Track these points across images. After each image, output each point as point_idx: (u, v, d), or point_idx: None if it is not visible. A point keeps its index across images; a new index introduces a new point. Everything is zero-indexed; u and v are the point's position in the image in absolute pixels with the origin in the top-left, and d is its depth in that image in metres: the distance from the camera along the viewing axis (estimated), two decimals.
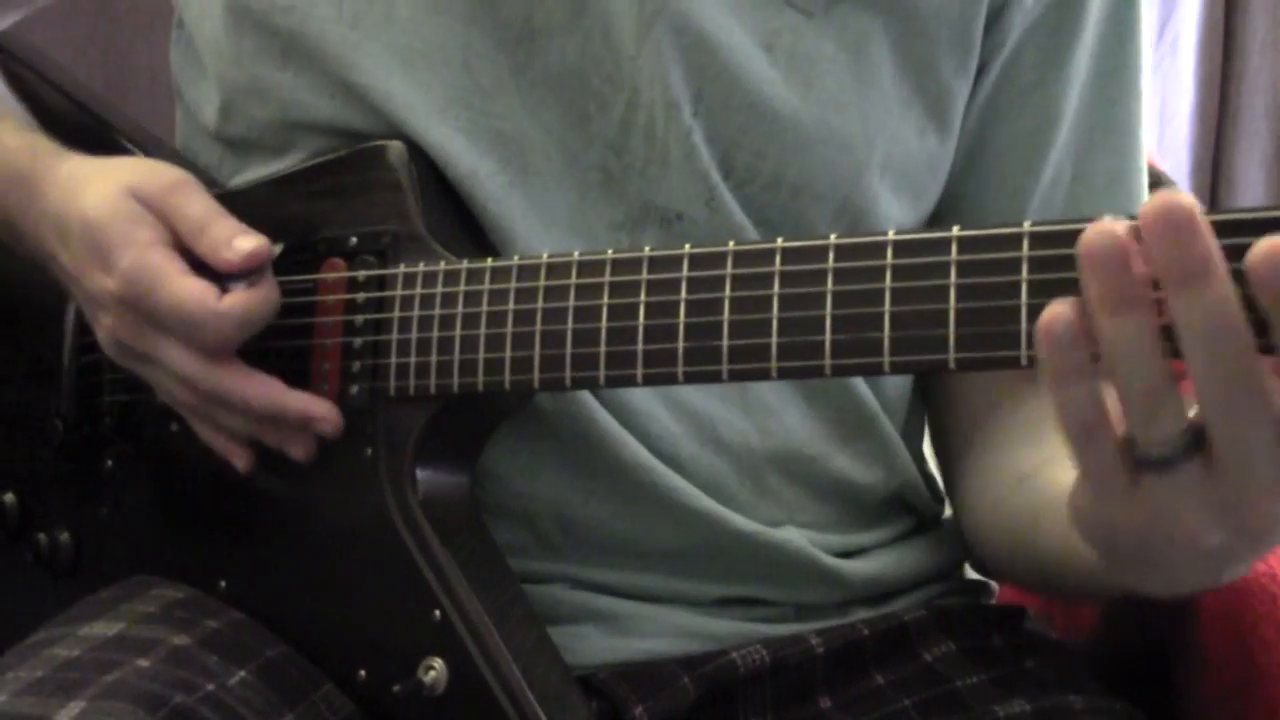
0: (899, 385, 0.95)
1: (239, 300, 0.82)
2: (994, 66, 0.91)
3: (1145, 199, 0.94)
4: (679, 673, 0.86)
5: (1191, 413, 0.61)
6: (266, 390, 0.84)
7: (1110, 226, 0.58)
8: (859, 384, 0.92)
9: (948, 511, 1.00)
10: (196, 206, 0.85)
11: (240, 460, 0.87)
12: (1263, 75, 2.27)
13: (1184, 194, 0.57)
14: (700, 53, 0.84)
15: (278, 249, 0.85)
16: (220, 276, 0.83)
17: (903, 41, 0.88)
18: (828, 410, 0.91)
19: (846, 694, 0.89)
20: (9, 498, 1.01)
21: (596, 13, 0.84)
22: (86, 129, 0.97)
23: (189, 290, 0.82)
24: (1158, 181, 1.13)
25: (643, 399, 0.86)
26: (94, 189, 0.85)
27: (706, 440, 0.88)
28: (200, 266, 0.84)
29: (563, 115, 0.86)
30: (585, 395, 0.85)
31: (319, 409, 0.84)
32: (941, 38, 0.88)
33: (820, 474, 0.91)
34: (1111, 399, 0.62)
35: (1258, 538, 0.64)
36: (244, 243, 0.83)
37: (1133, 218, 0.59)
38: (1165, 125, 2.28)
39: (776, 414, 0.89)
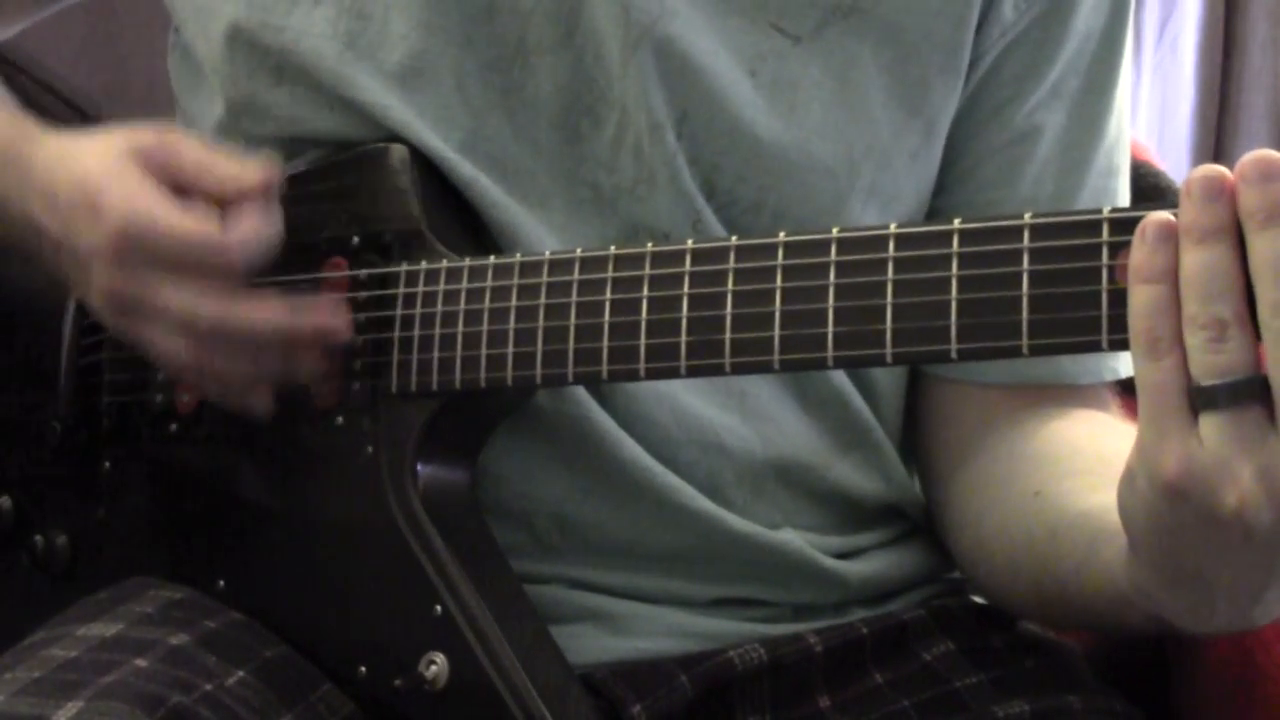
0: (894, 397, 0.95)
1: (245, 225, 0.81)
2: (972, 80, 0.90)
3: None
4: (677, 671, 0.86)
5: None
6: (275, 311, 0.82)
7: (1214, 166, 0.64)
8: (854, 395, 0.92)
9: None
10: (197, 146, 0.84)
11: (260, 403, 0.85)
12: (1263, 75, 2.27)
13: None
14: (683, 76, 0.84)
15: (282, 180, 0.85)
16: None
17: (895, 66, 0.87)
18: (825, 420, 0.91)
19: (845, 693, 0.89)
20: (5, 500, 1.01)
21: (588, 32, 0.85)
22: None
23: (189, 222, 0.81)
24: (1158, 182, 1.13)
25: (643, 404, 0.86)
26: (84, 148, 0.85)
27: (709, 445, 0.88)
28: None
29: (555, 134, 0.86)
30: (584, 396, 0.85)
31: (329, 317, 0.83)
32: (933, 61, 0.88)
33: (819, 482, 0.91)
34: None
35: None
36: (255, 169, 0.83)
37: None
38: (1165, 125, 2.28)
39: (775, 422, 0.89)
